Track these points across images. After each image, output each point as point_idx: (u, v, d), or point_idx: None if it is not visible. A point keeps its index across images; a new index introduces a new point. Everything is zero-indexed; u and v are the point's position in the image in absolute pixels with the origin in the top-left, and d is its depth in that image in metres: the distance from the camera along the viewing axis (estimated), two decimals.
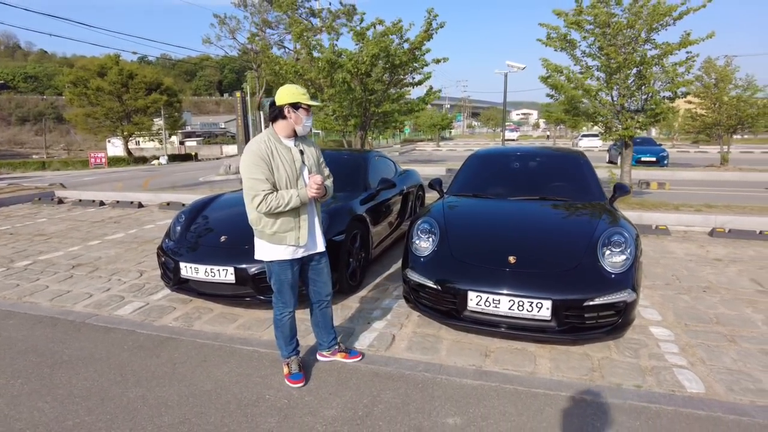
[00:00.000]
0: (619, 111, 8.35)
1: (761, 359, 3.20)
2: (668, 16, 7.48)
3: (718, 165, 17.14)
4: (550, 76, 8.71)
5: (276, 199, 2.68)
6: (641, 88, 8.07)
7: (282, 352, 3.06)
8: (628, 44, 7.83)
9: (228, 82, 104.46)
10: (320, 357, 3.24)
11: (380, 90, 8.92)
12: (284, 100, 2.70)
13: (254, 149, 2.69)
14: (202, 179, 19.06)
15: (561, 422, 2.54)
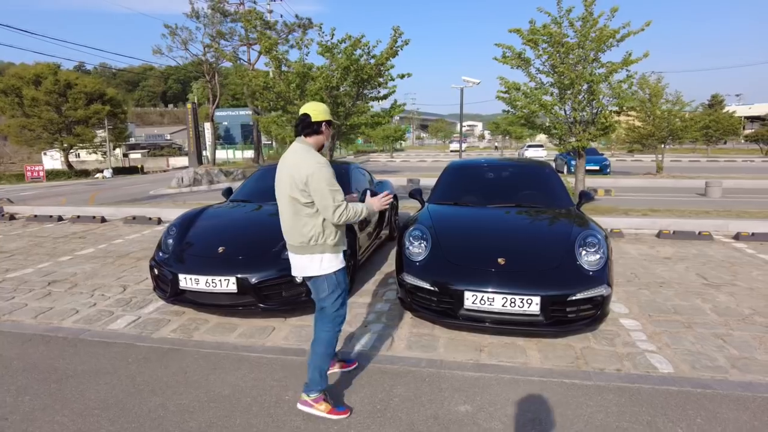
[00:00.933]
0: (573, 124, 9.05)
1: (714, 341, 3.69)
2: (613, 38, 8.25)
3: (654, 173, 18.62)
4: (508, 92, 9.30)
5: (353, 210, 2.67)
6: (591, 103, 8.80)
7: (322, 382, 2.76)
8: (579, 63, 8.54)
9: (173, 93, 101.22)
10: None
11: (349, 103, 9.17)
12: (322, 117, 2.73)
13: (324, 161, 2.65)
14: (153, 192, 18.49)
15: (559, 404, 2.85)
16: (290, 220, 2.74)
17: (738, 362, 3.36)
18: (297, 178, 2.63)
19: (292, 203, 2.70)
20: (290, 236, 2.76)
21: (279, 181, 2.79)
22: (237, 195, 5.58)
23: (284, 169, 2.74)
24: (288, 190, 2.70)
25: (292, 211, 2.71)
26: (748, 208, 9.41)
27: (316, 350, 2.79)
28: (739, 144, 47.97)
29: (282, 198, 2.78)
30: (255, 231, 4.51)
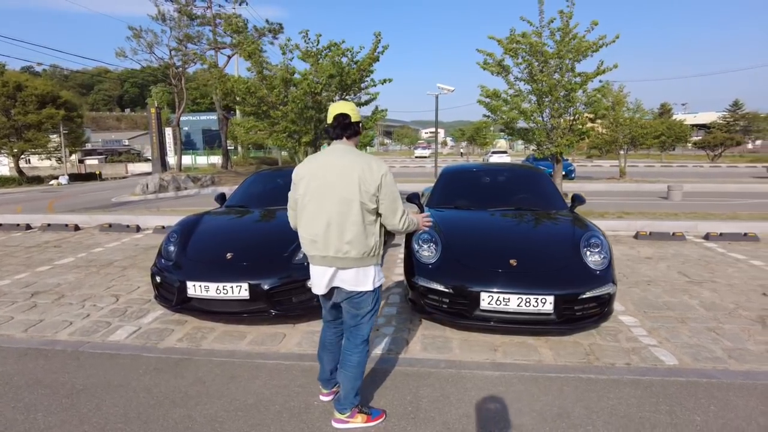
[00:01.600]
0: (551, 130, 9.39)
1: (708, 334, 3.92)
2: (590, 50, 8.64)
3: (617, 177, 19.47)
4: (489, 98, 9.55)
5: (411, 219, 2.58)
6: (569, 110, 9.16)
7: (355, 399, 2.65)
8: (557, 71, 8.88)
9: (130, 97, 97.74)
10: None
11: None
12: (359, 117, 2.61)
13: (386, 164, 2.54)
14: (116, 200, 17.82)
15: (581, 398, 2.96)
16: (352, 230, 2.42)
17: (734, 353, 3.59)
18: (370, 182, 2.41)
19: (360, 211, 2.42)
20: (350, 248, 2.44)
21: (332, 188, 2.45)
22: (232, 201, 5.48)
23: (343, 173, 2.43)
24: (359, 196, 2.41)
25: (360, 219, 2.42)
26: (709, 210, 10.00)
27: (348, 374, 2.61)
28: (687, 150, 50.75)
29: (340, 206, 2.43)
30: (262, 236, 4.46)
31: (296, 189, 2.61)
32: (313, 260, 2.56)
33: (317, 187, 2.49)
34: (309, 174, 2.53)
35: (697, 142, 41.26)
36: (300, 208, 2.59)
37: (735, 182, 18.60)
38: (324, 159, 2.54)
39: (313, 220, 2.50)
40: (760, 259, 6.23)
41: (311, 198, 2.50)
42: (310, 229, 2.52)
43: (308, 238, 2.54)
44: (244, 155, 40.32)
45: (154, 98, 68.56)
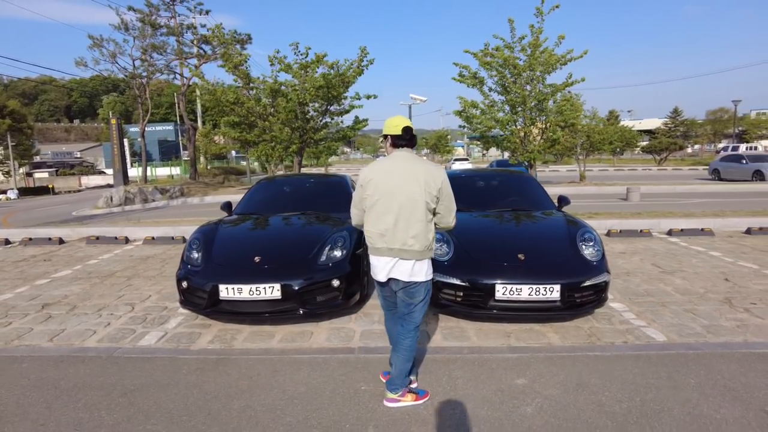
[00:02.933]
0: (524, 138, 10.03)
1: (686, 315, 4.47)
2: (559, 63, 9.34)
3: (578, 181, 20.60)
4: (465, 109, 10.10)
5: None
6: (540, 119, 9.83)
7: (406, 380, 3.01)
8: (529, 82, 9.54)
9: (79, 107, 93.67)
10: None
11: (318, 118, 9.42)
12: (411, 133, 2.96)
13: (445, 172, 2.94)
14: (77, 213, 17.23)
15: (594, 371, 3.39)
16: (416, 227, 2.76)
17: (710, 329, 4.13)
18: (433, 185, 2.78)
19: (424, 210, 2.77)
20: (418, 242, 2.77)
21: (401, 188, 2.77)
22: (242, 209, 5.67)
23: (411, 176, 2.78)
24: (421, 196, 2.75)
25: (424, 217, 2.77)
26: (667, 209, 10.90)
27: (400, 356, 2.93)
28: (635, 155, 53.85)
29: (408, 205, 2.76)
30: (285, 240, 4.69)
31: (364, 190, 2.91)
32: (380, 252, 2.86)
33: (387, 189, 2.80)
34: (378, 177, 2.85)
35: (644, 147, 43.90)
36: (369, 207, 2.89)
37: (683, 184, 20.08)
38: (391, 164, 2.87)
39: (383, 217, 2.81)
40: (717, 251, 6.97)
41: (380, 198, 2.81)
42: (379, 225, 2.83)
43: (377, 232, 2.84)
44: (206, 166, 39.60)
45: (106, 108, 66.15)
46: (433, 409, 2.95)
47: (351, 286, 4.39)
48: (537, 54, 9.30)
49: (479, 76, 9.95)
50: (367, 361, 3.63)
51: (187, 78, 22.41)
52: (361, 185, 2.93)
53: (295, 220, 5.15)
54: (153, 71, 20.99)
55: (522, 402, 3.00)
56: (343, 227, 4.75)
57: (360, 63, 9.32)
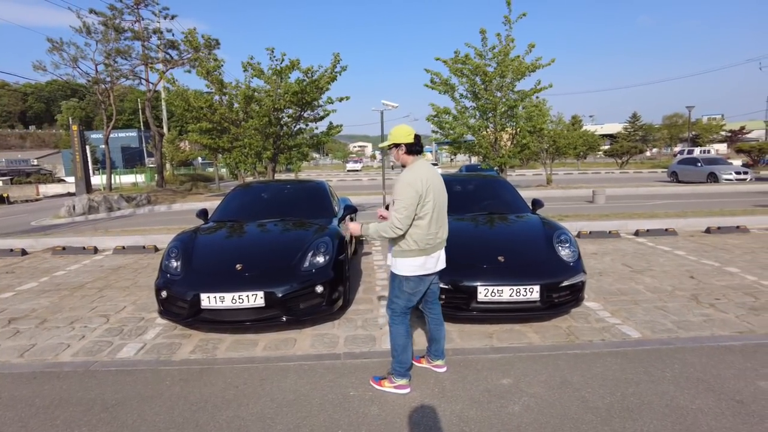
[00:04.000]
0: (495, 143, 10.25)
1: (658, 312, 4.66)
2: (528, 70, 9.61)
3: (545, 185, 21.15)
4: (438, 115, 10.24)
5: None
6: (510, 125, 10.07)
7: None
8: (499, 89, 9.77)
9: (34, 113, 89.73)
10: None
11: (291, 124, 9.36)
12: None
13: None
14: (36, 223, 16.53)
15: (575, 368, 3.50)
16: (445, 221, 3.25)
17: (680, 324, 4.33)
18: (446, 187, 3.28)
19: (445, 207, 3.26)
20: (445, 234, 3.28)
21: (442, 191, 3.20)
22: (220, 216, 5.58)
23: (438, 181, 3.15)
24: (445, 197, 3.26)
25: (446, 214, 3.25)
26: (632, 211, 11.33)
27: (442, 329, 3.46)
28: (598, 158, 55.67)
29: (443, 204, 3.22)
30: (267, 247, 4.64)
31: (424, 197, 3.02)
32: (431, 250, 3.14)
33: (438, 192, 3.14)
34: (431, 181, 3.07)
35: (606, 151, 45.44)
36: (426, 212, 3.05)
37: (645, 186, 20.91)
38: (429, 170, 3.13)
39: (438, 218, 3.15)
40: (681, 250, 7.30)
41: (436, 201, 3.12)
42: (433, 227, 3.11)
43: (436, 233, 3.15)
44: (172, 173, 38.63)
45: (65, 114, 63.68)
46: (423, 411, 2.98)
47: (334, 291, 4.39)
48: (507, 61, 9.54)
49: (450, 83, 10.12)
50: (353, 367, 3.63)
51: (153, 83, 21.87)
52: (420, 194, 2.99)
53: (275, 226, 5.11)
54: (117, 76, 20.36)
55: (509, 401, 3.07)
56: (324, 233, 4.75)
57: (333, 69, 9.34)
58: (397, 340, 3.21)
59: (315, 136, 10.15)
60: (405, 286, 3.15)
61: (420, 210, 3.02)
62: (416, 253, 3.08)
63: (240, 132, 8.68)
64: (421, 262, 3.11)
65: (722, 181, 20.97)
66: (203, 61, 8.76)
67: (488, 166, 10.60)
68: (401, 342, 3.20)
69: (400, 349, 3.20)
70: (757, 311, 4.60)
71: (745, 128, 54.40)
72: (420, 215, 3.03)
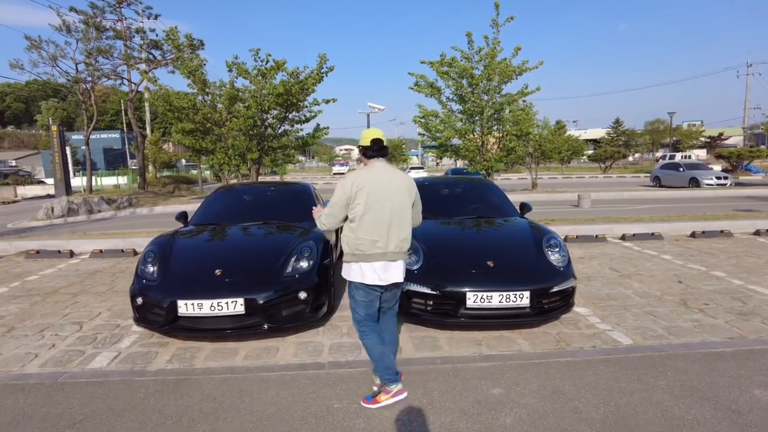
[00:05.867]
0: (481, 146, 10.19)
1: (647, 317, 4.60)
2: (515, 73, 9.58)
3: (531, 189, 21.23)
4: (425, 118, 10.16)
5: None
6: (497, 128, 10.02)
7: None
8: (487, 92, 9.72)
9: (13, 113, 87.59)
10: None
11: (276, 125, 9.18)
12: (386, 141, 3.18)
13: None
14: (12, 226, 16.03)
15: (567, 377, 3.40)
16: (406, 230, 3.03)
17: (671, 330, 4.27)
18: (413, 191, 3.10)
19: (408, 214, 3.06)
20: (404, 244, 3.03)
21: (393, 195, 2.98)
22: (200, 219, 5.38)
23: (397, 183, 3.02)
24: (409, 201, 3.06)
25: (408, 221, 3.05)
26: (618, 215, 11.37)
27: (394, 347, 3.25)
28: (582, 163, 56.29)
29: (399, 210, 2.99)
30: (249, 251, 4.46)
31: (353, 199, 2.94)
32: (372, 258, 2.93)
33: (380, 196, 2.94)
34: (368, 186, 2.93)
35: (590, 156, 45.95)
36: (359, 215, 2.92)
37: (629, 190, 21.12)
38: (377, 173, 3.00)
39: (377, 223, 2.92)
40: (668, 254, 7.30)
41: (372, 205, 2.92)
42: (373, 232, 2.92)
43: (370, 239, 2.92)
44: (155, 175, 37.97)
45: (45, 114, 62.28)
46: (411, 425, 2.84)
47: (319, 298, 4.24)
48: (494, 64, 9.50)
49: (436, 86, 10.05)
50: (338, 377, 3.48)
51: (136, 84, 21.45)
52: (348, 195, 2.94)
53: (257, 230, 4.94)
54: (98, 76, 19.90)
55: (500, 413, 2.95)
56: (309, 237, 4.60)
57: (319, 70, 9.20)
58: (371, 352, 3.09)
59: (301, 138, 10.00)
60: (354, 293, 3.07)
61: (350, 212, 2.96)
62: (350, 257, 3.00)
63: (223, 133, 8.47)
64: (357, 269, 2.96)
65: (704, 186, 21.28)
66: (186, 61, 8.54)
67: (475, 170, 10.54)
68: (376, 352, 3.07)
69: (378, 358, 3.07)
70: (746, 316, 4.56)
71: (724, 134, 55.50)
72: (351, 217, 2.97)
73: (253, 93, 8.51)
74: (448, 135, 9.94)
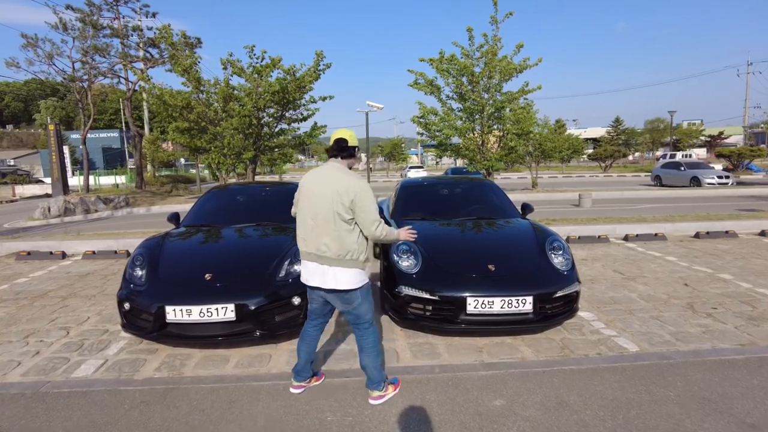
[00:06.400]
0: (482, 145, 10.03)
1: (654, 322, 4.45)
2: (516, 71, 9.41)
3: (531, 188, 21.07)
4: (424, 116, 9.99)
5: (387, 229, 2.93)
6: (498, 127, 9.86)
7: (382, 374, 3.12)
8: (487, 90, 9.56)
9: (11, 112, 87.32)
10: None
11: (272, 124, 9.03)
12: (356, 142, 3.06)
13: (364, 181, 2.94)
14: (9, 225, 15.92)
15: (572, 387, 3.25)
16: (329, 234, 2.88)
17: (678, 336, 4.12)
18: (344, 195, 2.84)
19: (334, 218, 2.86)
20: (330, 249, 2.88)
21: (317, 196, 2.92)
22: (192, 220, 5.22)
23: (326, 185, 2.90)
24: (332, 206, 2.85)
25: (334, 226, 2.87)
26: (619, 215, 11.22)
27: (369, 355, 3.05)
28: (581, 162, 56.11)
29: (321, 212, 2.89)
30: (240, 254, 4.31)
31: (298, 195, 3.10)
32: (302, 255, 3.03)
33: (311, 195, 2.95)
34: (307, 184, 3.01)
35: (590, 155, 45.77)
36: (298, 211, 3.07)
37: (630, 190, 20.97)
38: (319, 173, 3.02)
39: (304, 221, 2.99)
40: (672, 255, 7.15)
41: (305, 204, 2.99)
42: (301, 229, 3.01)
43: (300, 235, 3.02)
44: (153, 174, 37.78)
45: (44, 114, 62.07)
46: None
47: None
48: (495, 61, 9.34)
49: (435, 84, 9.89)
50: (332, 387, 3.33)
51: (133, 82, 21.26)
52: (299, 189, 3.10)
53: (250, 231, 4.78)
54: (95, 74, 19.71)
55: (503, 426, 2.80)
56: None
57: (316, 68, 9.03)
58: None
59: (298, 137, 9.84)
60: None
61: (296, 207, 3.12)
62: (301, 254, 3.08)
63: (219, 131, 8.31)
64: (302, 266, 3.07)
65: (705, 186, 21.13)
66: (180, 59, 8.37)
67: (475, 169, 10.39)
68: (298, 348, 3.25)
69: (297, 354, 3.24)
70: (756, 321, 4.41)
71: (724, 133, 55.32)
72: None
73: (249, 91, 8.36)
74: (447, 133, 9.78)
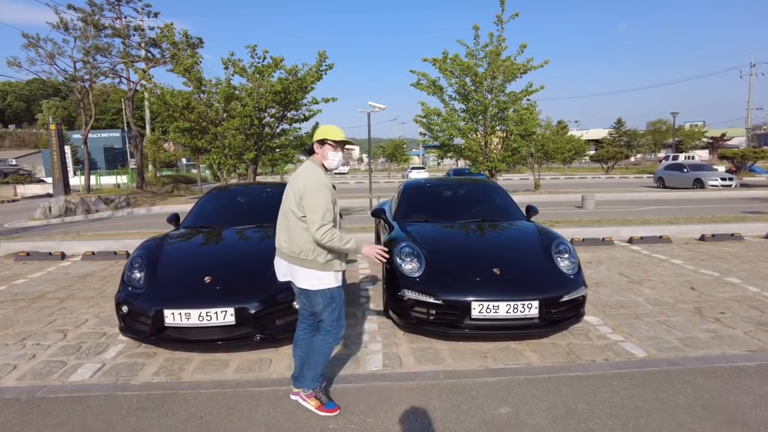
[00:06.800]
0: (485, 147, 9.95)
1: (661, 327, 4.37)
2: (519, 71, 9.34)
3: (533, 189, 20.98)
4: (427, 116, 9.92)
5: (339, 237, 2.76)
6: (501, 128, 9.78)
7: (316, 383, 3.02)
8: (490, 91, 9.48)
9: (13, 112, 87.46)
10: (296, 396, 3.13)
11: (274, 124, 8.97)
12: (316, 137, 2.99)
13: (319, 180, 2.81)
14: (9, 225, 15.88)
15: (580, 394, 3.17)
16: (286, 230, 2.92)
17: (687, 341, 4.03)
18: (297, 192, 2.83)
19: (289, 214, 2.89)
20: (286, 245, 2.93)
21: (286, 193, 2.97)
22: (192, 221, 5.15)
23: (291, 181, 2.95)
24: (289, 204, 2.89)
25: (287, 222, 2.91)
26: (623, 217, 11.13)
27: (312, 356, 3.01)
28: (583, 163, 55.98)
29: (283, 208, 2.96)
30: (240, 257, 4.24)
31: None
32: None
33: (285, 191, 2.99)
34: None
35: (592, 156, 45.64)
36: None
37: (632, 191, 20.88)
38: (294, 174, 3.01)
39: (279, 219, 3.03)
40: (678, 258, 7.06)
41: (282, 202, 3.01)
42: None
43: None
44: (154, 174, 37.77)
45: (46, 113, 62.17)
46: None
47: None
48: (498, 62, 9.26)
49: (438, 84, 9.82)
50: (333, 393, 3.26)
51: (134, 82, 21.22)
52: None
53: (250, 233, 4.71)
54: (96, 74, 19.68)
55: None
56: None
57: (318, 68, 8.97)
58: None
59: (299, 137, 9.77)
60: None
61: None
62: None
63: (220, 132, 8.25)
64: None
65: (708, 187, 21.02)
66: (181, 58, 8.31)
67: (477, 170, 10.31)
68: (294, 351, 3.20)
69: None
70: (766, 326, 4.33)
71: (726, 135, 55.17)
72: None
73: (250, 91, 8.29)
74: (450, 134, 9.70)
